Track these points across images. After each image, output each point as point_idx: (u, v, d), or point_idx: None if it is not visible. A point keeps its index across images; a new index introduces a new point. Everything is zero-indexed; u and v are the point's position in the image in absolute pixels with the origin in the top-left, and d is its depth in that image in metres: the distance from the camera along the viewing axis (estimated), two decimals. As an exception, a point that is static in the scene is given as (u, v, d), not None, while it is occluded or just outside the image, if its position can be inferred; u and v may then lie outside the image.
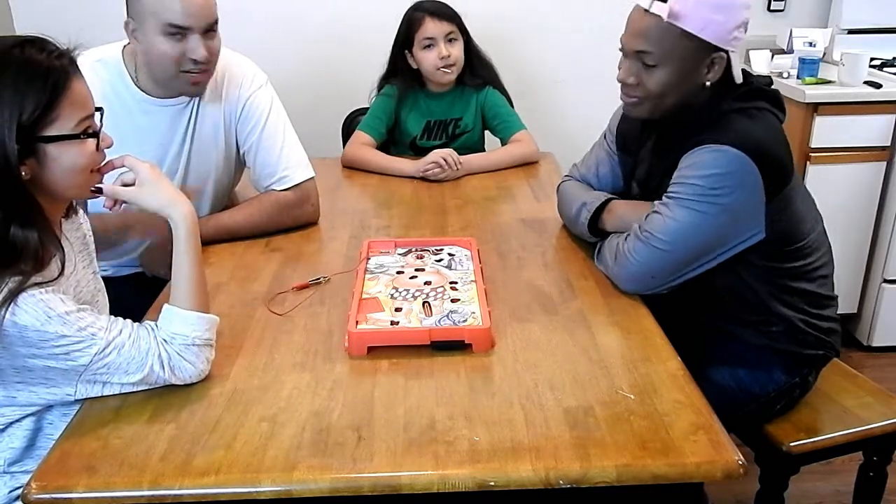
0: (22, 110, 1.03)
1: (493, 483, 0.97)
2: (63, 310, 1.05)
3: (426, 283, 1.45)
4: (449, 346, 1.25)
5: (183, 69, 1.58)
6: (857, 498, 1.66)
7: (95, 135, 1.12)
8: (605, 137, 1.70)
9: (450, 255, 1.57)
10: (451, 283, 1.45)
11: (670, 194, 1.37)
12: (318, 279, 1.33)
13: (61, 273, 1.09)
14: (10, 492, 1.19)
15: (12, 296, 1.01)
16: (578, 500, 1.02)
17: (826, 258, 1.47)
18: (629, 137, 1.59)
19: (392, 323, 1.31)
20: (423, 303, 1.38)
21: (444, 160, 2.07)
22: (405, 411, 1.10)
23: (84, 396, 1.13)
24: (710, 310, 1.46)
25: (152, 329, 1.16)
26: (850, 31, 2.77)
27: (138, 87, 1.65)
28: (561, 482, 0.97)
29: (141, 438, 1.05)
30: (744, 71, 1.41)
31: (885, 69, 2.62)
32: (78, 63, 1.12)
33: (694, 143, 1.34)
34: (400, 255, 1.58)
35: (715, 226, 1.33)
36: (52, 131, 1.06)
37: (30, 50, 1.06)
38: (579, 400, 1.11)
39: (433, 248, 1.61)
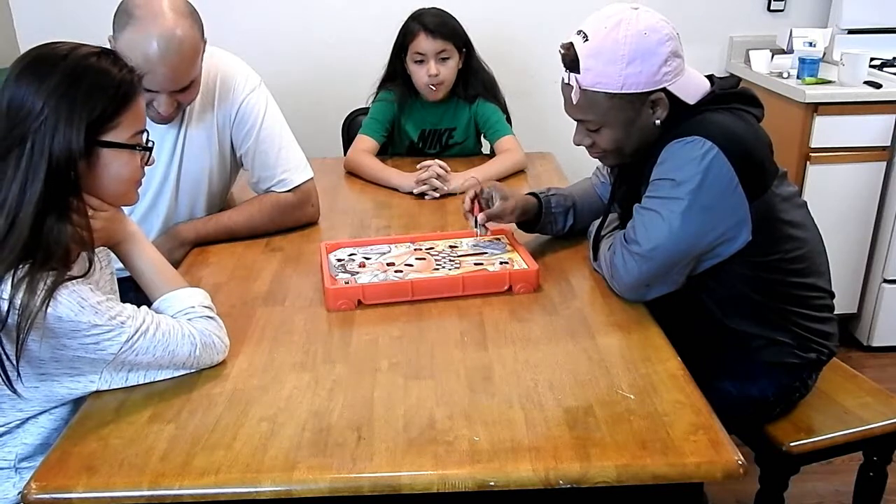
0: (92, 112, 1.09)
1: (492, 483, 0.97)
2: (95, 300, 1.09)
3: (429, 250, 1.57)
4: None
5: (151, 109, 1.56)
6: (857, 498, 1.66)
7: (147, 149, 1.19)
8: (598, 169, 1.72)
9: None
10: (470, 256, 1.55)
11: (646, 195, 1.35)
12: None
13: (89, 269, 1.12)
14: (20, 493, 1.19)
15: (50, 292, 1.04)
16: (578, 500, 1.02)
17: (821, 259, 1.45)
18: None
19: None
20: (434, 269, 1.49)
21: (438, 175, 1.99)
22: (405, 411, 1.10)
23: (108, 386, 1.15)
24: (707, 318, 1.43)
25: (173, 316, 1.22)
26: (850, 31, 2.77)
27: None
28: (561, 482, 0.97)
29: (141, 438, 1.05)
30: (708, 77, 1.39)
31: (885, 69, 2.62)
32: None
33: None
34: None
35: (689, 222, 1.28)
36: (110, 137, 1.13)
37: (105, 61, 1.13)
38: (579, 400, 1.12)
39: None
